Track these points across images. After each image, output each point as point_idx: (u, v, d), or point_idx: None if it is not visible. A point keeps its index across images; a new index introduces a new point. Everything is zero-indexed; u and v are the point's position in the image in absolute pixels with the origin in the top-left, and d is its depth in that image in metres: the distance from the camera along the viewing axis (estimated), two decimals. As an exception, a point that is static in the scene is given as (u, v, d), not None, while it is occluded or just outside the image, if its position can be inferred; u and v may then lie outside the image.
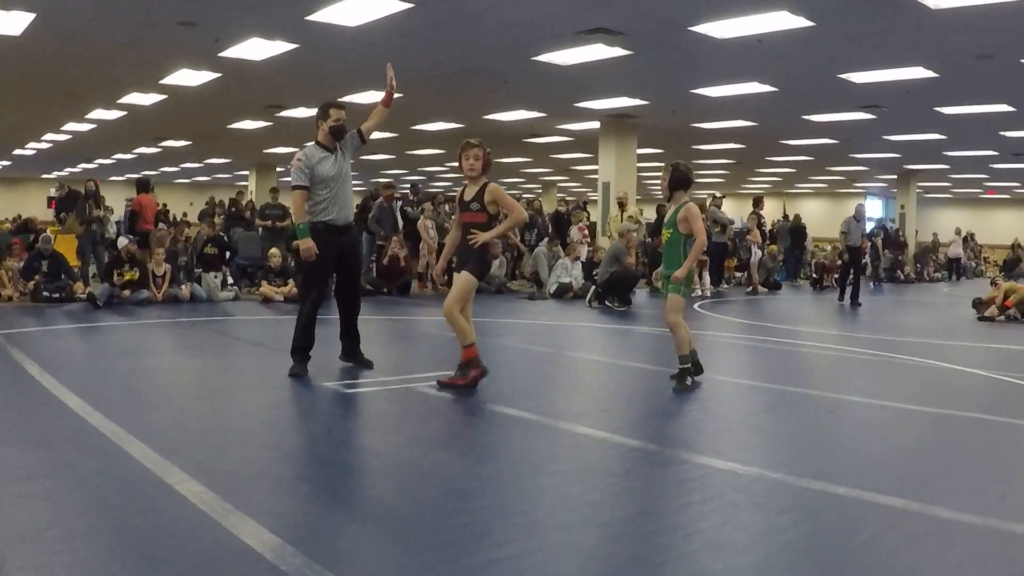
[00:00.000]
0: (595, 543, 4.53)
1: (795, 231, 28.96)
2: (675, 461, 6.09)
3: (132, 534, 4.46)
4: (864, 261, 30.83)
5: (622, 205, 22.74)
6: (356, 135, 9.46)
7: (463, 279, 8.53)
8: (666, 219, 9.24)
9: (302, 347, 9.28)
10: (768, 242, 27.02)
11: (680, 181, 9.20)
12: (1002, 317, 17.47)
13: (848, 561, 4.32)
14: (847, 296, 20.59)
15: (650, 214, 35.29)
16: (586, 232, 22.50)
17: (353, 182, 9.66)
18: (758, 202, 25.99)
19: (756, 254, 24.47)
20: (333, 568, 4.04)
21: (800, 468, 5.91)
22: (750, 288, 23.87)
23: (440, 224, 20.71)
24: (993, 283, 19.51)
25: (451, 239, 9.00)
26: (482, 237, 8.34)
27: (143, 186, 20.87)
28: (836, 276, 26.79)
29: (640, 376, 9.64)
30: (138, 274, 16.21)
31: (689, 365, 8.90)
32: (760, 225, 25.46)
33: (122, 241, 17.87)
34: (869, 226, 33.86)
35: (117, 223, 24.59)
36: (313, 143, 9.26)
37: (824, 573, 4.16)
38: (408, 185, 24.21)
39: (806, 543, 4.55)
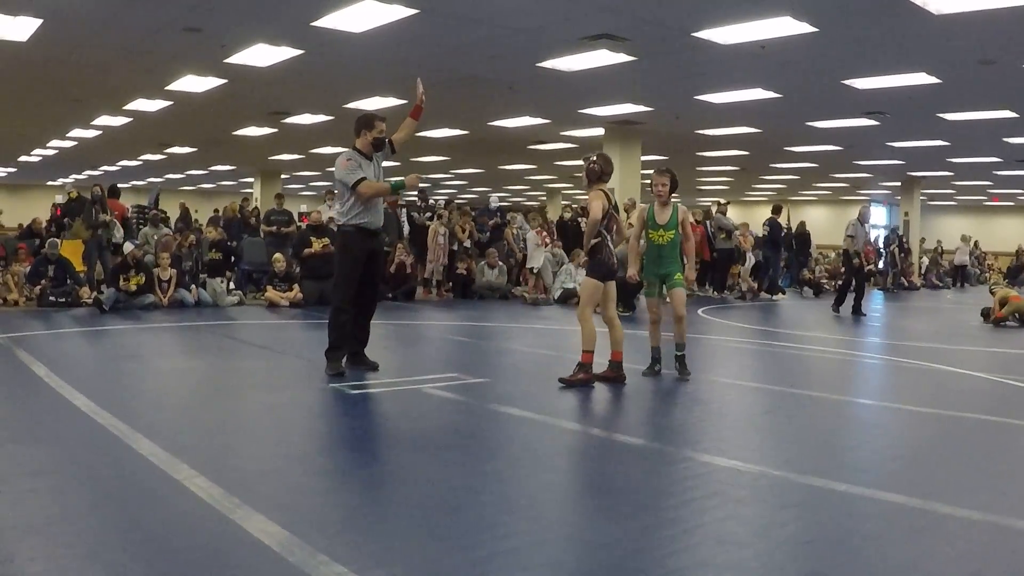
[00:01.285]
0: (599, 536, 4.58)
1: (799, 238, 28.98)
2: (678, 459, 6.14)
3: (141, 527, 4.51)
4: (877, 268, 30.98)
5: (627, 212, 22.79)
6: (388, 146, 9.57)
7: (584, 284, 9.48)
8: (667, 222, 9.79)
9: (336, 347, 9.36)
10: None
11: (676, 185, 9.93)
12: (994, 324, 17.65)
13: (849, 554, 4.36)
14: (842, 305, 19.66)
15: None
16: (544, 235, 22.23)
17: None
18: (777, 210, 25.97)
19: (750, 260, 24.52)
20: (339, 559, 4.09)
21: (802, 466, 5.97)
22: (740, 294, 23.92)
23: (451, 230, 20.76)
24: (992, 292, 19.49)
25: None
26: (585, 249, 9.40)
27: (111, 192, 21.00)
28: (836, 284, 26.97)
29: (643, 378, 9.68)
30: (144, 279, 16.28)
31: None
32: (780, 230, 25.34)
33: (128, 246, 17.90)
34: (879, 233, 33.98)
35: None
36: (351, 149, 9.35)
37: (825, 566, 4.21)
38: (416, 193, 24.23)
39: (807, 537, 4.60)
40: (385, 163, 9.94)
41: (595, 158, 9.38)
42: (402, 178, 9.40)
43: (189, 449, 5.98)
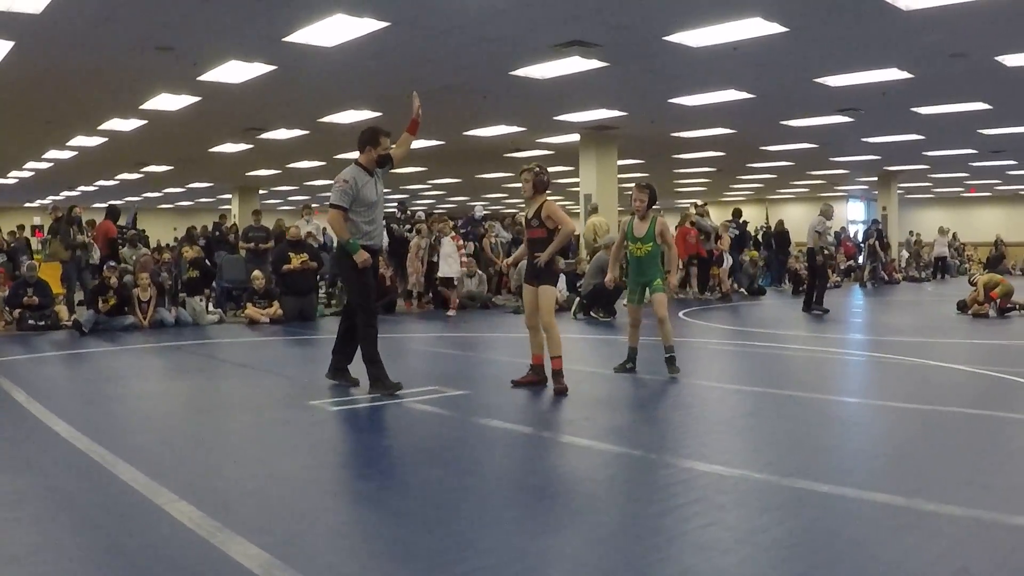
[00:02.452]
0: (581, 547, 4.56)
1: (778, 237, 29.05)
2: (660, 465, 6.13)
3: (122, 553, 4.48)
4: (856, 263, 31.20)
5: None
6: (389, 162, 9.50)
7: (544, 292, 9.47)
8: (644, 234, 10.20)
9: (378, 361, 9.22)
10: (749, 248, 27.07)
11: (655, 199, 10.32)
12: (992, 313, 17.64)
13: (833, 556, 4.36)
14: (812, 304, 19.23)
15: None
16: (460, 243, 21.67)
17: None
18: (737, 213, 26.21)
19: (728, 260, 24.58)
20: (321, 581, 4.07)
21: (784, 468, 5.96)
22: (720, 295, 23.97)
23: (432, 244, 20.72)
24: (971, 282, 19.50)
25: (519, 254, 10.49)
26: (544, 256, 9.26)
27: (110, 214, 21.05)
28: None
29: (624, 384, 9.69)
30: (116, 300, 16.17)
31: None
32: (742, 232, 25.51)
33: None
34: (858, 229, 34.09)
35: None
36: (355, 165, 9.22)
37: (809, 569, 4.20)
38: (395, 204, 24.19)
39: (791, 540, 4.59)
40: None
41: (539, 169, 9.49)
42: (359, 248, 9.11)
43: (170, 473, 5.95)
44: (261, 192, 42.89)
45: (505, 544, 4.58)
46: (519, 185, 9.47)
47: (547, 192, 9.53)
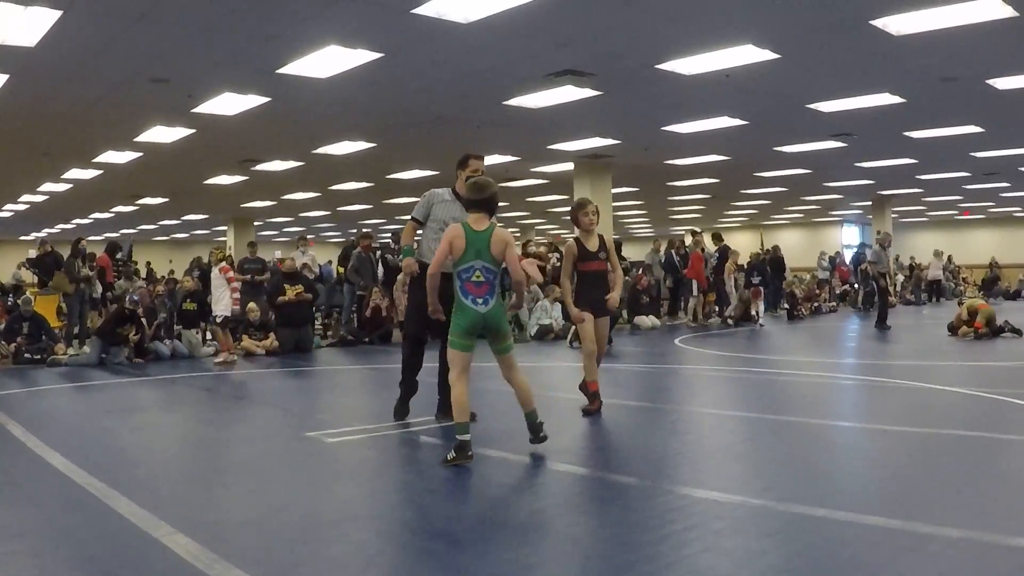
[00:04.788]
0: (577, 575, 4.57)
1: (774, 262, 29.08)
2: (657, 493, 6.12)
3: (119, 587, 4.49)
4: (852, 287, 31.40)
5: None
6: None
7: (608, 322, 9.88)
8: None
9: (402, 382, 9.40)
10: (736, 275, 26.96)
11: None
12: (971, 336, 17.86)
13: (830, 581, 4.37)
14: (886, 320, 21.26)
15: (629, 253, 35.36)
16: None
17: (331, 233, 9.75)
18: (717, 238, 26.40)
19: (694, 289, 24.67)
20: (319, 611, 4.07)
21: (781, 493, 5.97)
22: (723, 321, 24.04)
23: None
24: (960, 304, 19.87)
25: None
26: (614, 298, 9.69)
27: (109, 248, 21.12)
28: (813, 305, 27.24)
29: (620, 412, 9.69)
30: (134, 330, 16.26)
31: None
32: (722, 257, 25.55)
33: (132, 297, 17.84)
34: (851, 253, 34.27)
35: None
36: (449, 188, 9.23)
37: (806, 594, 4.21)
38: (390, 234, 24.20)
39: (788, 565, 4.59)
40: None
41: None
42: (409, 255, 9.11)
43: (167, 505, 5.95)
44: (256, 224, 42.90)
45: (503, 573, 4.58)
46: (516, 214, 9.44)
47: None
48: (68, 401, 12.30)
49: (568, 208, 10.46)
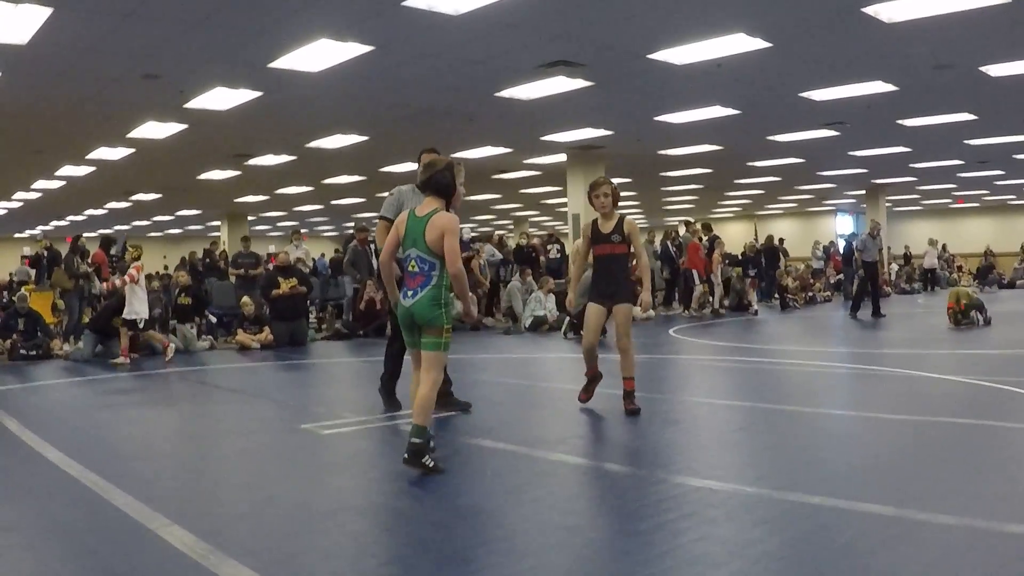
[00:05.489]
0: (573, 564, 4.57)
1: (768, 252, 29.08)
2: (651, 482, 6.13)
3: (114, 580, 4.49)
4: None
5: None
6: None
7: (626, 310, 8.88)
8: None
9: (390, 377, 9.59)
10: (726, 263, 26.91)
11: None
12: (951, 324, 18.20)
13: (824, 567, 4.37)
14: (859, 310, 21.55)
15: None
16: None
17: (325, 227, 9.82)
18: (707, 228, 26.42)
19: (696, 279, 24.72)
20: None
21: (775, 481, 5.97)
22: (713, 311, 24.07)
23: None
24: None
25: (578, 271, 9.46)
26: (646, 300, 9.22)
27: (103, 243, 21.07)
28: (808, 295, 27.24)
29: (615, 402, 9.66)
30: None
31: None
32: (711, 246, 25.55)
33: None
34: (842, 243, 34.30)
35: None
36: (413, 184, 9.21)
37: (800, 580, 4.22)
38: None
39: (782, 553, 4.60)
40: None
41: (613, 182, 9.06)
42: None
43: (163, 498, 5.95)
44: (250, 218, 42.87)
45: (498, 562, 4.59)
46: (508, 206, 9.08)
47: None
48: (63, 396, 12.29)
49: (563, 199, 10.35)
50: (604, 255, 8.93)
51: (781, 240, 32.26)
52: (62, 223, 45.00)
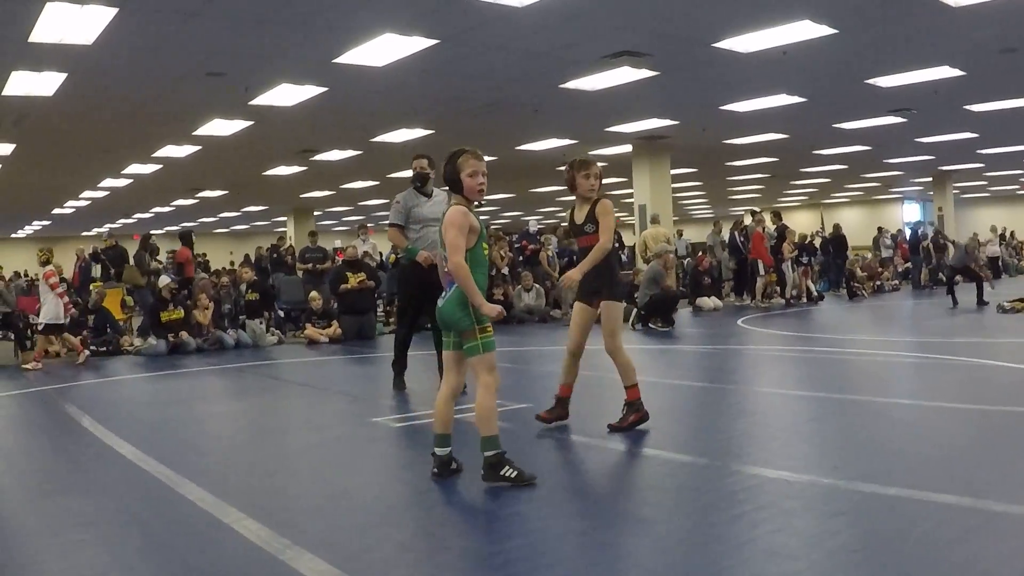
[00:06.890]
0: (649, 555, 4.56)
1: (836, 241, 28.83)
2: (726, 473, 6.09)
3: (193, 571, 4.54)
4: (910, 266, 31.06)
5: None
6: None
7: (611, 309, 8.05)
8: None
9: (396, 361, 10.62)
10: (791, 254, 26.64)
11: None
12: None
13: (902, 559, 4.32)
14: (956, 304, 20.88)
15: (691, 235, 35.16)
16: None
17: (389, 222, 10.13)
18: (777, 216, 26.08)
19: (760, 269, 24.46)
20: (392, 595, 4.08)
21: (851, 472, 5.91)
22: (786, 301, 23.82)
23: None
24: None
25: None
26: (571, 275, 7.85)
27: (184, 239, 21.24)
28: (876, 284, 26.94)
29: (686, 393, 9.65)
30: (182, 312, 16.44)
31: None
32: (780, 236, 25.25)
33: (164, 279, 18.03)
34: (908, 231, 33.90)
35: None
36: (411, 189, 10.22)
37: (879, 572, 4.16)
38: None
39: (860, 544, 4.56)
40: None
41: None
42: (420, 250, 9.75)
43: (236, 492, 6.01)
44: (316, 213, 43.14)
45: (573, 555, 4.59)
46: (573, 198, 8.36)
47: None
48: (136, 392, 12.44)
49: (629, 191, 10.22)
50: (583, 249, 7.93)
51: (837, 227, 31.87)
52: (129, 221, 45.56)
